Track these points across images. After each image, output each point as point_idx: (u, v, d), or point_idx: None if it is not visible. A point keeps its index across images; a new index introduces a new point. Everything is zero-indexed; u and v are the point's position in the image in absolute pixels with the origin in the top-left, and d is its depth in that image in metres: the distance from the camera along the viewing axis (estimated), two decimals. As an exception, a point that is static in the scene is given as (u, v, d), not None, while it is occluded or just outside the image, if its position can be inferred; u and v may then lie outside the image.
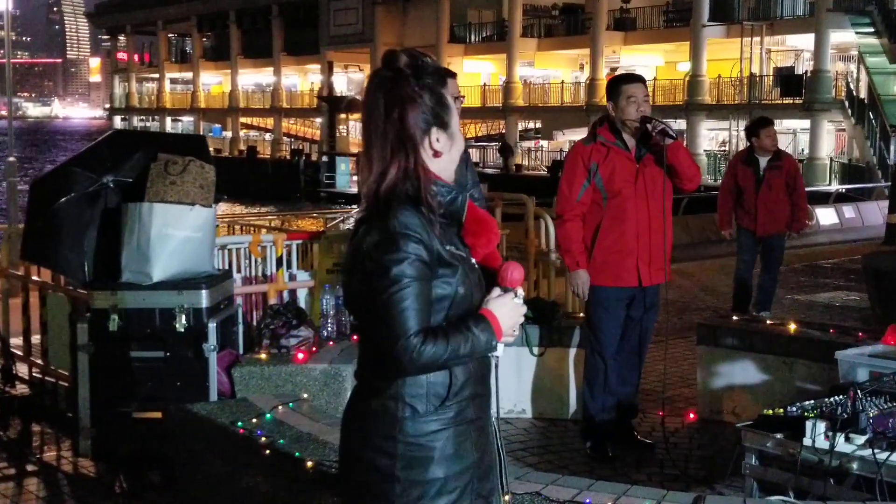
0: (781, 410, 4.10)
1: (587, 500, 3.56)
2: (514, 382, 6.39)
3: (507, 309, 2.43)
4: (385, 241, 2.35)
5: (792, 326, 6.15)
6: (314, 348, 5.53)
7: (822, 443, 3.81)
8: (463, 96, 5.69)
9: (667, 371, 6.30)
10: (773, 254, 9.06)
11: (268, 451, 4.08)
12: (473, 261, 2.49)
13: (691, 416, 6.34)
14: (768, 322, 6.45)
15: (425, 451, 2.38)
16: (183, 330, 5.41)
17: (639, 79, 5.74)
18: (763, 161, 8.81)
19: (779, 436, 3.96)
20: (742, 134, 35.26)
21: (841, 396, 4.10)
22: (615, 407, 5.82)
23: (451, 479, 2.40)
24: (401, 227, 2.34)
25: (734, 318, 6.73)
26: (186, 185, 5.48)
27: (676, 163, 5.54)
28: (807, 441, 3.83)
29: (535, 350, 6.38)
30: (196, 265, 5.55)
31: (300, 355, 5.34)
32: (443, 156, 2.45)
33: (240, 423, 4.41)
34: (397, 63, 2.42)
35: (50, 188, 5.72)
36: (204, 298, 5.44)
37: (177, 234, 5.43)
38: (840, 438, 3.77)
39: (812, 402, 4.16)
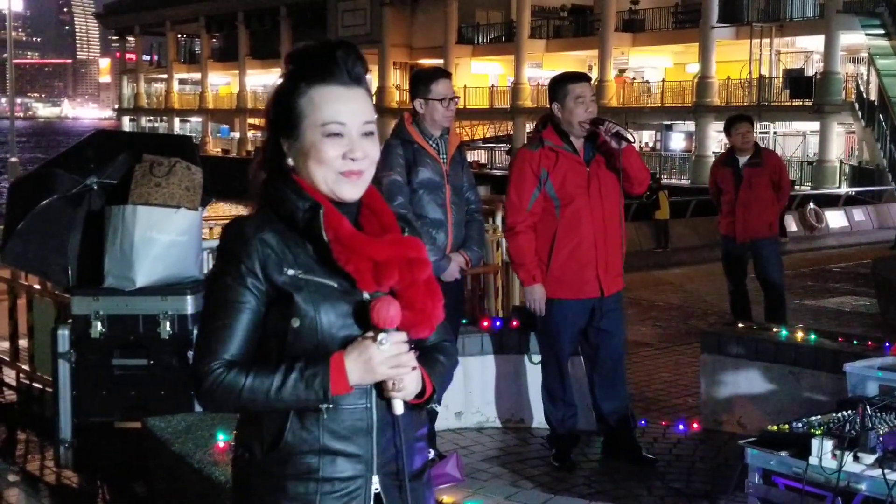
0: (787, 426, 3.91)
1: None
2: (512, 391, 6.23)
3: (362, 355, 1.99)
4: (217, 253, 2.14)
5: (799, 335, 5.94)
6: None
7: (829, 462, 3.62)
8: (457, 97, 5.50)
9: (670, 379, 6.16)
10: (768, 264, 8.37)
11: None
12: (362, 293, 2.06)
13: (694, 426, 6.16)
14: (774, 330, 6.25)
15: None
16: (167, 337, 5.24)
17: (585, 77, 5.51)
18: (742, 159, 8.39)
19: (784, 454, 3.78)
20: (756, 136, 35.52)
21: (849, 412, 3.91)
22: (575, 416, 5.66)
23: None
24: (226, 240, 2.10)
25: (739, 325, 6.52)
26: (172, 187, 5.30)
27: (629, 166, 5.29)
28: (813, 460, 3.64)
29: (534, 358, 6.20)
30: (182, 270, 5.36)
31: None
32: (309, 164, 2.09)
33: (220, 437, 4.22)
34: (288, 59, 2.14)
35: (31, 190, 5.54)
36: (189, 304, 5.26)
37: (161, 238, 5.24)
38: (848, 457, 3.58)
39: (818, 417, 3.97)
